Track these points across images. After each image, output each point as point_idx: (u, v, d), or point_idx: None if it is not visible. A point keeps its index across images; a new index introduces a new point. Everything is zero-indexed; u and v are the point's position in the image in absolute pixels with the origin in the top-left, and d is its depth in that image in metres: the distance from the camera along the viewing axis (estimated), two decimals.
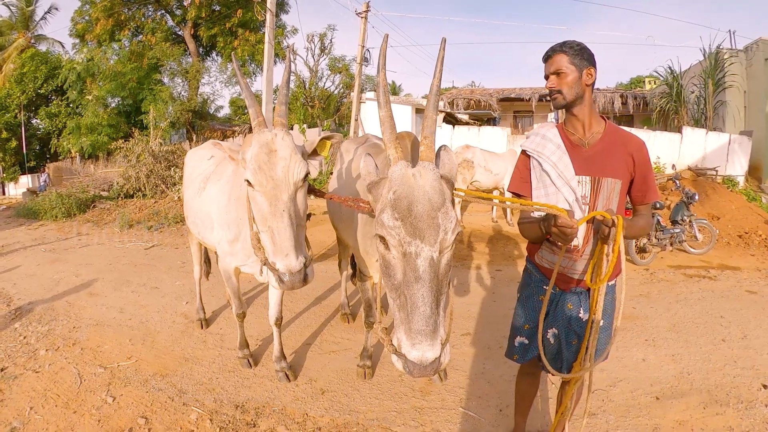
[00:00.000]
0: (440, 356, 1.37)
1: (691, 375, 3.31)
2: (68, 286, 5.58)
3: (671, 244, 6.70)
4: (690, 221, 6.88)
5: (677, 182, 7.90)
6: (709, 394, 3.05)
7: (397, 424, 2.75)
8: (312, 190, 2.53)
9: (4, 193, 22.72)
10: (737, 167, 11.53)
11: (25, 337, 4.02)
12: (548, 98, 2.03)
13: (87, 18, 19.41)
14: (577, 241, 1.90)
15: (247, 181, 2.07)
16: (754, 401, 2.97)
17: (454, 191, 1.67)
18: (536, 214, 1.97)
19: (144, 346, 3.83)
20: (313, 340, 3.93)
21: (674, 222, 6.91)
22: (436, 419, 2.80)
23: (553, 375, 2.07)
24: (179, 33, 20.66)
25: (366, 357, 3.31)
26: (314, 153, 2.37)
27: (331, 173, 4.06)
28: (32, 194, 15.48)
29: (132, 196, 11.93)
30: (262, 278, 2.76)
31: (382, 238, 1.44)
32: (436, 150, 1.68)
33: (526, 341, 2.11)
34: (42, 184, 18.75)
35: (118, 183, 12.27)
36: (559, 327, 2.03)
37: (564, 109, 2.00)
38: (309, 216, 2.58)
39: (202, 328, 4.16)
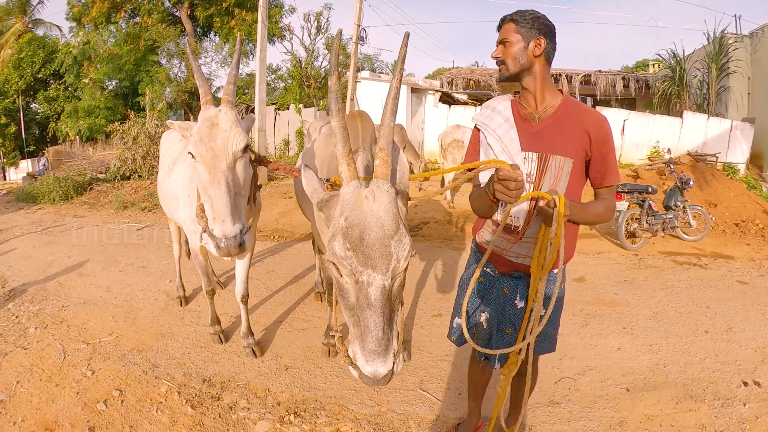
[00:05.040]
0: (393, 368, 1.40)
1: (667, 367, 3.20)
2: (60, 267, 5.72)
3: (663, 230, 6.60)
4: (684, 207, 6.76)
5: (672, 167, 7.86)
6: (685, 389, 2.93)
7: (353, 402, 2.81)
8: (260, 160, 2.64)
9: (4, 178, 22.94)
10: (738, 154, 11.32)
11: (17, 317, 4.19)
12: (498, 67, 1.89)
13: (83, 1, 19.27)
14: (518, 221, 1.83)
15: (191, 153, 2.19)
16: (732, 399, 2.83)
17: (407, 199, 1.62)
18: (484, 181, 1.87)
19: (126, 322, 3.98)
20: (285, 318, 4.04)
21: (667, 207, 6.80)
22: (393, 399, 2.84)
23: (484, 354, 2.02)
24: (176, 14, 20.48)
25: (330, 335, 3.39)
26: None
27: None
28: (32, 178, 15.63)
29: (128, 178, 12.03)
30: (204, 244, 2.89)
31: (334, 264, 1.41)
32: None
33: (462, 322, 1.98)
34: (41, 168, 18.87)
35: (114, 165, 12.37)
36: (492, 312, 1.97)
37: (517, 82, 1.87)
38: (259, 187, 2.69)
39: (181, 305, 4.30)
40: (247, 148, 2.28)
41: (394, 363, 1.40)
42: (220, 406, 2.78)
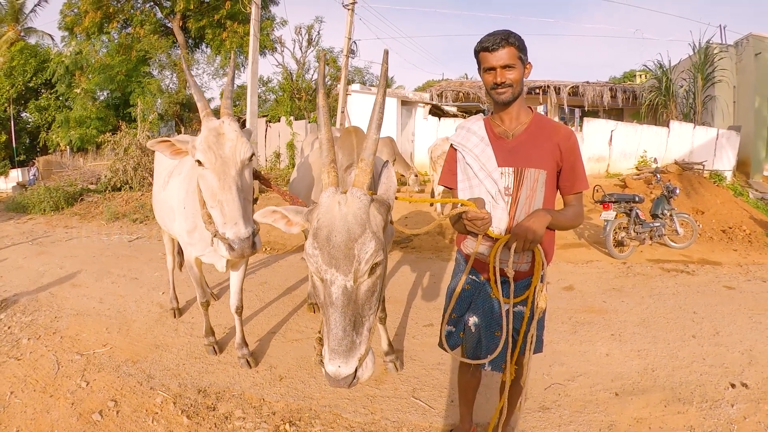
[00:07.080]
0: (357, 372, 1.45)
1: (655, 371, 3.25)
2: (53, 277, 5.72)
3: (651, 238, 6.69)
4: (671, 215, 6.88)
5: (658, 176, 8.02)
6: (673, 392, 2.97)
7: (348, 411, 2.84)
8: (258, 176, 2.73)
9: None
10: (725, 162, 11.56)
11: (9, 327, 4.18)
12: (498, 90, 1.88)
13: (76, 10, 19.34)
14: (499, 230, 1.93)
15: (198, 161, 2.29)
16: (720, 401, 2.88)
17: (389, 211, 1.68)
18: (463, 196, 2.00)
19: (119, 334, 3.99)
20: (279, 329, 4.08)
21: (655, 216, 6.92)
22: (386, 407, 2.87)
23: (471, 364, 2.11)
24: (168, 25, 20.60)
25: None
26: None
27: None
28: (22, 188, 15.54)
29: (119, 189, 12.02)
30: (210, 258, 2.99)
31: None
32: (379, 169, 1.71)
33: (453, 329, 2.13)
34: (31, 177, 18.72)
35: (105, 176, 12.36)
36: (480, 316, 2.04)
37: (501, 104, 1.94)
38: (256, 200, 2.78)
39: (174, 317, 4.31)
40: (252, 156, 2.40)
41: (357, 368, 1.46)
42: (216, 417, 2.81)
